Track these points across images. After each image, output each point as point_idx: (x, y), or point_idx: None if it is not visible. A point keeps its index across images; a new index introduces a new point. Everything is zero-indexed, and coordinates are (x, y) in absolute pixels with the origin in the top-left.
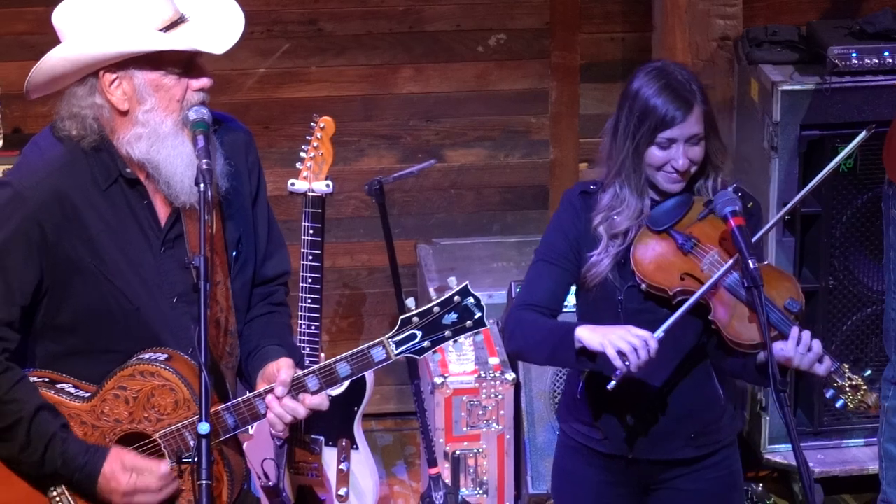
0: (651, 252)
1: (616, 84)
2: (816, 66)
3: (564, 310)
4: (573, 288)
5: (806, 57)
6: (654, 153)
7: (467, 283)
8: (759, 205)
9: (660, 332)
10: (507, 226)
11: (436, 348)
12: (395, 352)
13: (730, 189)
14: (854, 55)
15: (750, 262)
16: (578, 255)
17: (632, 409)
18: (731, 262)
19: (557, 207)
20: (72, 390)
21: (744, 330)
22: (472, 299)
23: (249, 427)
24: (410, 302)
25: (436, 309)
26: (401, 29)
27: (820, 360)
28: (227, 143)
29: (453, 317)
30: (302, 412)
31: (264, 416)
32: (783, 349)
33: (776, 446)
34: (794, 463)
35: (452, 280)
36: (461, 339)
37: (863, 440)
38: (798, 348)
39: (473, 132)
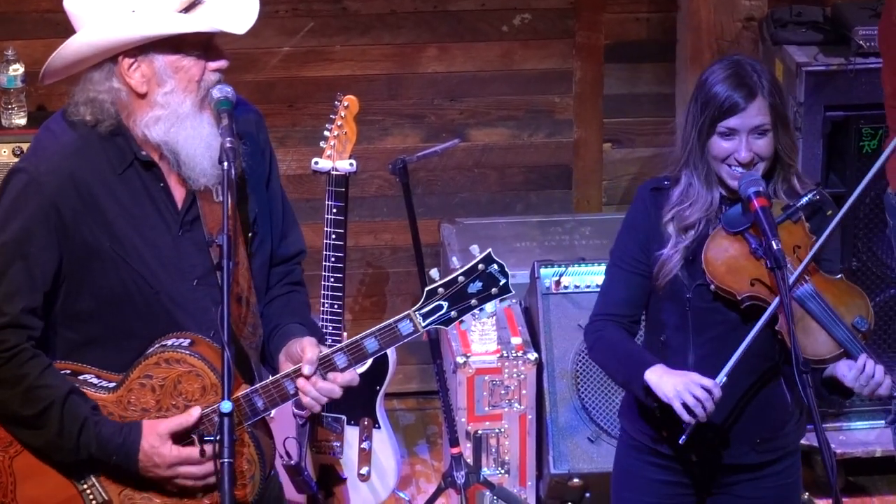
0: (724, 253)
1: (641, 64)
2: (841, 46)
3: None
4: None
5: (831, 38)
6: (718, 143)
7: (490, 250)
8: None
9: (722, 377)
10: (530, 205)
11: (462, 318)
12: (423, 324)
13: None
14: None
15: (773, 242)
16: (649, 254)
17: None
18: (798, 270)
19: (632, 203)
20: (95, 381)
21: (808, 343)
22: (496, 266)
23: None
24: (434, 273)
25: (460, 278)
26: (425, 8)
27: (880, 385)
28: (239, 125)
29: (478, 285)
30: (337, 392)
31: (294, 396)
32: (844, 375)
33: None
34: (815, 444)
35: (475, 248)
36: (488, 306)
37: (887, 421)
38: (860, 379)
39: (497, 112)
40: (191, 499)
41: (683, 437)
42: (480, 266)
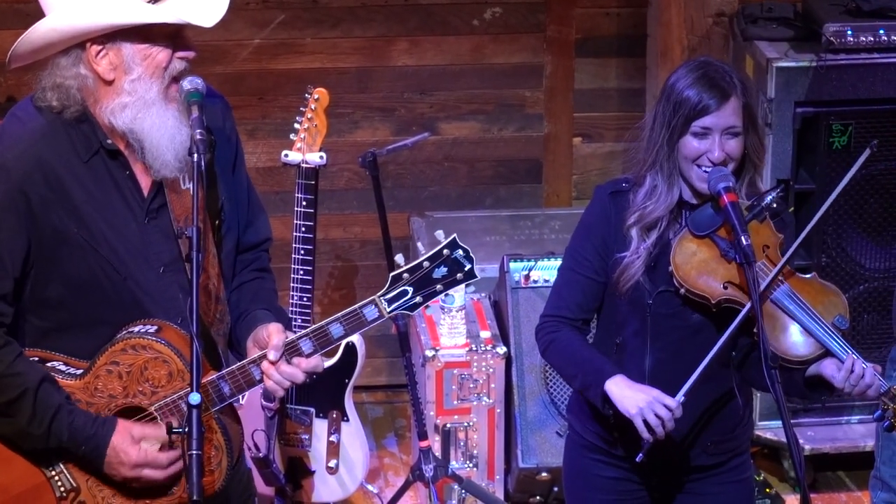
0: (693, 257)
1: (611, 59)
2: (812, 43)
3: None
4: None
5: (801, 34)
6: (690, 143)
7: (455, 235)
8: (792, 217)
9: (681, 396)
10: (500, 199)
11: (428, 303)
12: (388, 309)
13: (719, 174)
14: (849, 32)
15: (742, 237)
16: (606, 257)
17: None
18: (774, 272)
19: (588, 205)
20: (63, 368)
21: (789, 344)
22: (460, 251)
23: (241, 397)
24: (399, 258)
25: (425, 263)
26: (396, 1)
27: (869, 387)
28: (206, 113)
29: (443, 270)
30: (300, 377)
31: (259, 381)
32: (833, 375)
33: (767, 422)
34: (784, 439)
35: (440, 233)
36: (457, 299)
37: (855, 417)
38: (850, 380)
39: (468, 105)
40: (157, 491)
41: (641, 454)
42: (445, 251)
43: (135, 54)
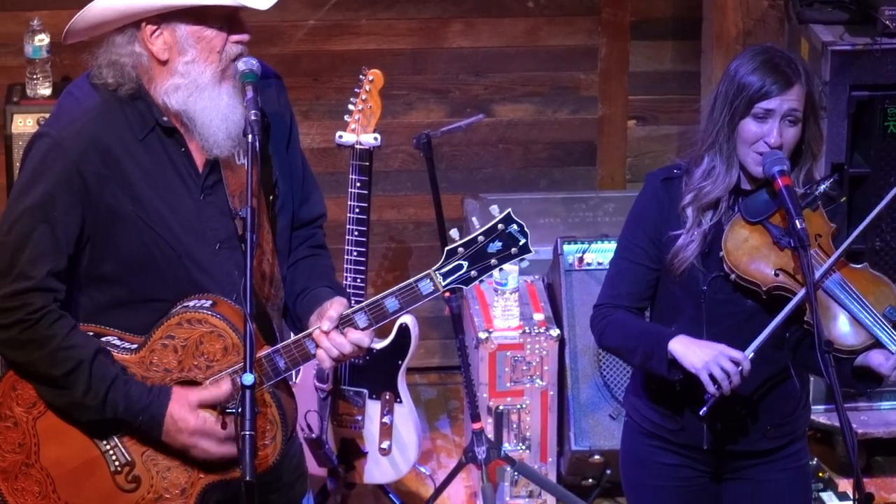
0: (745, 243)
1: (666, 41)
2: (867, 26)
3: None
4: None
5: (856, 17)
6: (749, 126)
7: (510, 210)
8: (844, 206)
9: (750, 352)
10: (554, 182)
11: (482, 277)
12: (443, 283)
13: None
14: None
15: (797, 222)
16: (659, 242)
17: None
18: (830, 260)
19: (640, 192)
20: (117, 343)
21: (839, 334)
22: (515, 226)
23: (295, 375)
24: (454, 232)
25: (480, 238)
26: None
27: None
28: (260, 92)
29: (498, 245)
30: (348, 347)
31: (314, 356)
32: (880, 364)
33: (819, 406)
34: (836, 424)
35: (495, 208)
36: (507, 266)
37: None
38: None
39: (522, 87)
40: (211, 465)
41: (704, 408)
42: (500, 226)
43: (189, 35)
